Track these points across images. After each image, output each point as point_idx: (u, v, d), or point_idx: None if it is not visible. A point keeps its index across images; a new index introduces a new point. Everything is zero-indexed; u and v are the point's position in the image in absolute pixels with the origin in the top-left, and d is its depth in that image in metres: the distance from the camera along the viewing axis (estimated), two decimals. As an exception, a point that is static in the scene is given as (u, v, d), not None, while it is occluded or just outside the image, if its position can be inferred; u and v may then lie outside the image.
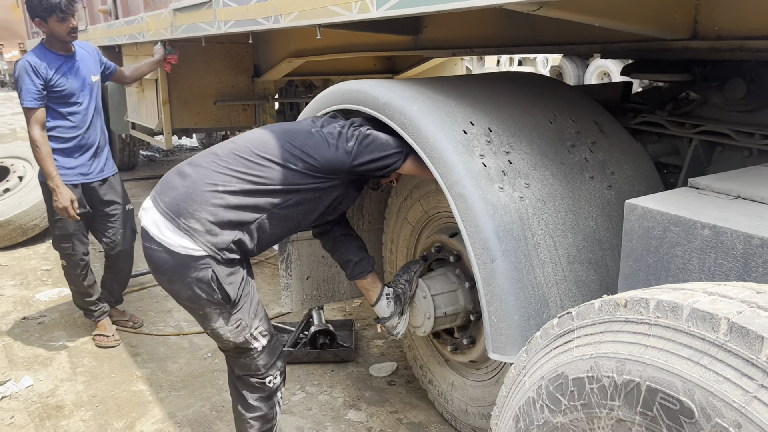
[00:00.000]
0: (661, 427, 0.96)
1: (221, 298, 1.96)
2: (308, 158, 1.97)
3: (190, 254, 1.89)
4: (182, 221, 1.89)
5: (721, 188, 1.44)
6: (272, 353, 2.13)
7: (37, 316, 3.90)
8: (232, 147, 2.01)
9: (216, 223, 1.91)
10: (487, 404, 2.38)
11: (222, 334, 2.02)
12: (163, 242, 1.91)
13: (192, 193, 1.91)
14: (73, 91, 3.27)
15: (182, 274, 1.91)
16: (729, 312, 0.92)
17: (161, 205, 1.94)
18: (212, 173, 1.94)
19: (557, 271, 1.81)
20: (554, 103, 2.18)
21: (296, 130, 2.06)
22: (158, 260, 1.94)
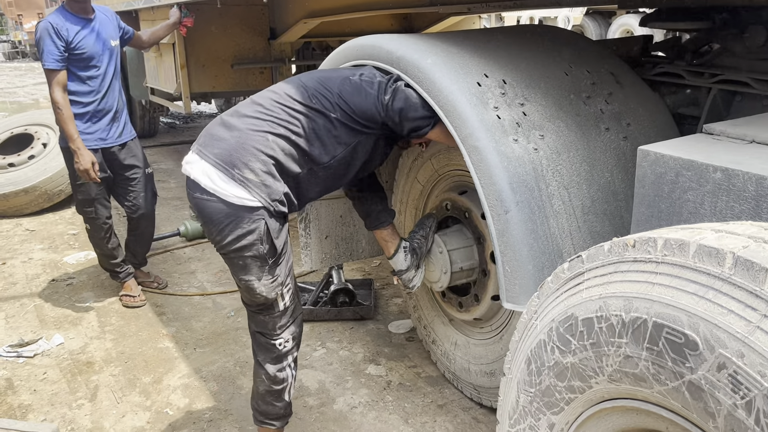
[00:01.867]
0: (667, 360, 0.98)
1: (266, 252, 1.96)
2: (344, 105, 1.97)
3: (246, 204, 1.89)
4: (236, 171, 1.88)
5: (735, 133, 1.43)
6: (292, 316, 2.13)
7: (65, 278, 4.01)
8: (273, 96, 1.99)
9: (269, 173, 1.91)
10: (489, 362, 2.42)
11: (256, 288, 2.00)
12: (217, 192, 1.89)
13: (243, 143, 1.90)
14: (93, 54, 3.30)
15: (235, 224, 1.90)
16: (735, 246, 0.93)
17: (210, 156, 1.92)
18: (261, 122, 1.93)
19: (571, 222, 1.82)
20: (570, 55, 2.16)
21: (334, 77, 2.05)
22: (212, 210, 1.91)
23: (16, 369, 2.97)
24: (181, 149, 7.44)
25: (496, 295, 2.29)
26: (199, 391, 2.76)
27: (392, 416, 2.53)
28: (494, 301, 2.33)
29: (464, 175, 2.44)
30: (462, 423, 2.48)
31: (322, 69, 2.13)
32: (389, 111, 1.97)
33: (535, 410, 1.35)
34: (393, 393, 2.69)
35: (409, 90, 1.99)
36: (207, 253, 4.34)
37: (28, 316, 3.49)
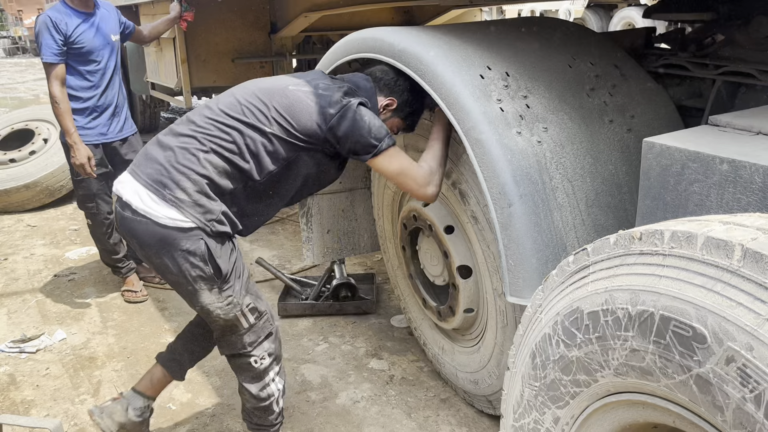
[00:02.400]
0: (674, 354, 0.97)
1: (213, 273, 1.87)
2: (281, 118, 1.88)
3: (179, 226, 1.82)
4: (167, 192, 1.82)
5: (742, 125, 1.42)
6: (260, 332, 2.03)
7: (67, 274, 4.01)
8: (207, 112, 1.92)
9: (202, 192, 1.83)
10: (472, 371, 2.40)
11: (212, 311, 1.92)
12: (148, 214, 1.82)
13: (174, 162, 1.84)
14: (92, 49, 3.29)
15: (172, 246, 1.82)
16: (743, 238, 0.92)
17: (143, 176, 1.86)
18: (192, 140, 1.86)
19: (575, 215, 1.81)
20: (573, 47, 2.14)
21: (272, 89, 1.94)
22: (144, 233, 1.84)
23: (18, 364, 2.97)
24: (182, 144, 7.41)
25: (469, 308, 2.29)
26: (202, 386, 2.76)
27: (395, 410, 2.53)
28: (467, 314, 2.31)
29: None
30: (465, 417, 2.48)
31: (262, 80, 2.03)
32: (332, 128, 1.88)
33: (539, 404, 1.35)
34: (396, 387, 2.69)
35: (363, 111, 1.90)
36: (209, 248, 4.33)
37: (31, 312, 3.49)
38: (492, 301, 2.15)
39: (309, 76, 2.03)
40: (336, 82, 2.00)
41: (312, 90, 1.92)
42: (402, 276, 2.83)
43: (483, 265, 2.14)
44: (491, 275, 2.11)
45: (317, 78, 2.01)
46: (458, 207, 2.19)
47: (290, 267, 4.00)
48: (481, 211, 2.06)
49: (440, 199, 2.28)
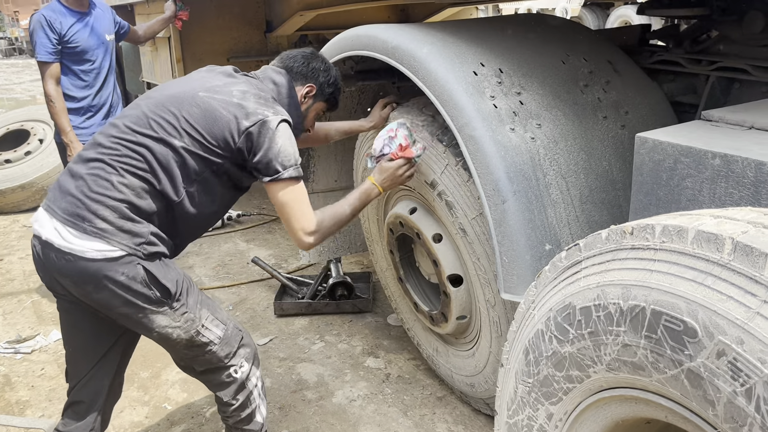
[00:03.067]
0: (665, 348, 0.97)
1: (160, 295, 1.76)
2: (192, 130, 1.75)
3: (108, 256, 1.68)
4: (87, 224, 1.68)
5: (734, 119, 1.41)
6: (231, 343, 1.91)
7: (63, 274, 4.00)
8: (113, 131, 1.77)
9: (124, 217, 1.70)
10: (468, 374, 2.37)
11: (171, 333, 1.80)
12: (73, 251, 1.67)
13: (88, 192, 1.70)
14: (87, 48, 3.28)
15: (108, 279, 1.69)
16: (734, 232, 0.92)
17: (58, 212, 1.71)
18: (102, 165, 1.72)
19: (569, 212, 1.81)
20: (567, 43, 2.14)
21: (180, 95, 1.80)
22: (75, 272, 1.69)
23: (13, 365, 2.96)
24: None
25: (462, 316, 2.26)
26: (198, 385, 2.75)
27: (391, 409, 2.53)
28: (460, 321, 2.28)
29: (410, 195, 2.38)
30: (461, 415, 2.47)
31: (170, 84, 1.88)
32: (246, 140, 1.76)
33: (533, 400, 1.34)
34: (392, 385, 2.68)
35: (281, 131, 1.78)
36: (205, 247, 4.32)
37: (26, 313, 3.48)
38: (485, 312, 2.11)
39: (220, 78, 1.89)
40: (252, 86, 1.87)
41: (225, 99, 1.79)
42: (392, 278, 2.80)
43: (474, 276, 2.10)
44: (483, 287, 2.06)
45: (231, 81, 1.87)
46: (446, 218, 2.14)
47: (286, 266, 3.99)
48: (469, 223, 2.01)
49: (427, 209, 2.27)
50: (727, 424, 0.90)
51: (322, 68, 2.04)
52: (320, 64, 2.04)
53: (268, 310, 3.39)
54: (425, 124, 2.13)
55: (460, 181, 2.00)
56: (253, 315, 3.35)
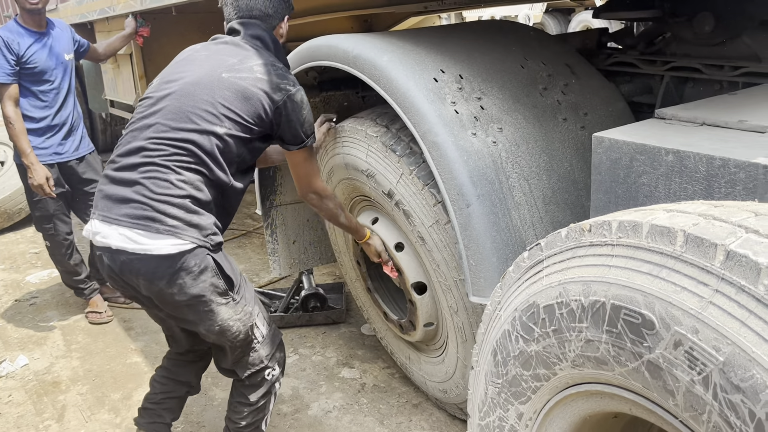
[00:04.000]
0: (626, 341, 0.99)
1: (226, 286, 1.85)
2: (231, 113, 1.81)
3: (182, 249, 1.75)
4: (159, 225, 1.74)
5: (686, 117, 1.45)
6: (272, 342, 2.04)
7: (28, 298, 3.91)
8: (152, 133, 1.79)
9: (191, 211, 1.78)
10: (440, 381, 2.38)
11: (231, 326, 1.88)
12: (148, 251, 1.74)
13: (151, 195, 1.75)
14: (45, 68, 3.23)
15: (182, 270, 1.76)
16: (685, 225, 0.94)
17: (122, 219, 1.76)
18: (155, 167, 1.77)
19: (533, 213, 1.83)
20: (525, 48, 2.18)
21: (206, 81, 1.83)
22: (149, 269, 1.76)
23: (-22, 393, 2.88)
24: (146, 162, 7.31)
25: (429, 323, 2.27)
26: (171, 404, 2.71)
27: (367, 418, 2.52)
28: (428, 328, 2.28)
29: (371, 205, 2.40)
30: (438, 421, 2.48)
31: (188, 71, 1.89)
32: (277, 113, 1.85)
33: (503, 401, 1.35)
34: (367, 395, 2.67)
35: (304, 101, 1.90)
36: (175, 265, 4.26)
37: (-10, 339, 3.39)
38: (449, 318, 2.12)
39: (232, 53, 1.90)
40: (263, 57, 1.91)
41: (249, 76, 1.84)
42: (361, 288, 2.79)
43: (436, 283, 2.11)
44: (445, 293, 2.07)
45: (244, 55, 1.89)
46: (405, 227, 2.15)
47: (258, 280, 3.96)
48: (426, 231, 2.02)
49: (387, 217, 2.28)
50: (687, 413, 0.92)
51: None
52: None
53: (240, 325, 3.35)
54: (378, 135, 2.14)
55: (415, 190, 2.01)
56: (225, 331, 3.32)
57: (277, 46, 2.00)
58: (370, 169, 2.19)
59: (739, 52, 1.95)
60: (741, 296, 0.85)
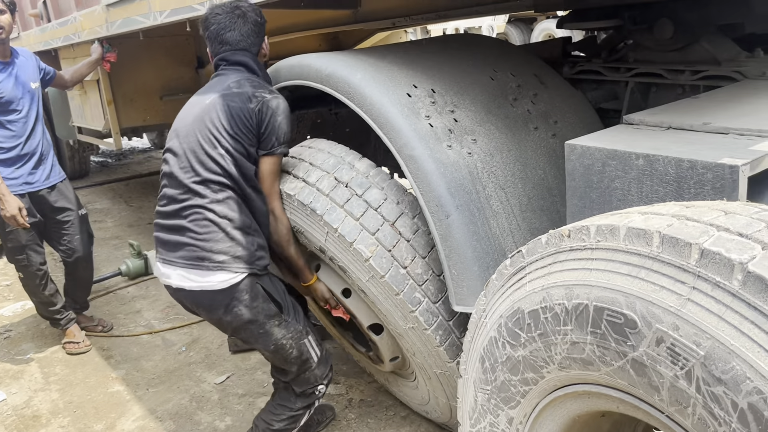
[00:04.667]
0: (610, 341, 1.02)
1: (276, 309, 2.02)
2: (223, 130, 1.97)
3: (233, 283, 1.94)
4: (209, 263, 1.94)
5: (653, 121, 1.51)
6: (327, 362, 2.18)
7: (2, 332, 3.82)
8: (185, 179, 1.98)
9: (234, 241, 1.95)
10: (420, 403, 2.39)
11: (285, 345, 2.04)
12: (204, 288, 1.95)
13: (199, 236, 1.95)
14: (11, 98, 3.20)
15: (236, 300, 1.96)
16: (660, 226, 0.98)
17: (179, 260, 1.98)
18: (195, 211, 1.96)
19: (511, 221, 1.87)
20: (493, 60, 2.23)
21: (200, 113, 2.02)
22: (207, 302, 1.99)
23: (-45, 432, 2.81)
24: (116, 187, 7.23)
25: (394, 357, 2.26)
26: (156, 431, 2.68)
27: (356, 433, 2.52)
28: (394, 361, 2.28)
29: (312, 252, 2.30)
30: (426, 431, 2.49)
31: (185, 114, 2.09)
32: (258, 119, 1.98)
33: (493, 407, 1.38)
34: (355, 410, 2.67)
35: (280, 108, 2.01)
36: (152, 290, 4.22)
37: (-35, 376, 3.31)
38: (410, 358, 2.12)
39: (215, 82, 2.10)
40: (242, 74, 2.08)
41: (228, 92, 2.01)
42: (327, 322, 2.68)
43: (389, 329, 2.09)
44: (399, 338, 2.07)
45: (223, 78, 2.08)
46: (344, 278, 2.13)
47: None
48: (365, 285, 1.97)
49: (328, 268, 2.22)
50: (672, 407, 0.95)
51: (257, 17, 2.15)
52: (253, 14, 2.13)
53: (222, 347, 3.33)
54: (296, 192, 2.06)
55: (342, 247, 1.96)
56: (207, 354, 3.29)
57: (259, 66, 2.16)
58: (297, 226, 2.10)
59: (698, 57, 2.03)
60: (717, 292, 0.89)
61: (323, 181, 2.00)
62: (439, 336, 1.89)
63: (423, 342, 1.94)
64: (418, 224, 1.93)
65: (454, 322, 1.91)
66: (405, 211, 1.94)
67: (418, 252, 1.91)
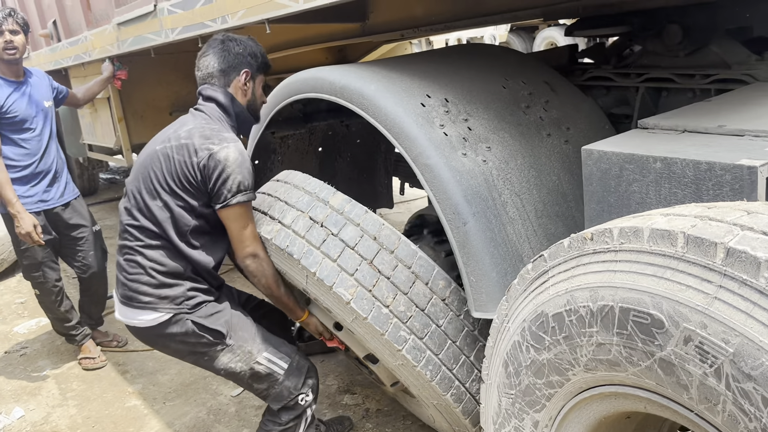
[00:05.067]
0: (637, 341, 1.03)
1: (213, 338, 2.02)
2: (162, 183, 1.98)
3: (161, 321, 2.00)
4: (135, 303, 2.01)
5: (668, 125, 1.52)
6: (298, 373, 2.10)
7: (18, 349, 3.85)
8: (123, 218, 2.07)
9: (161, 286, 2.00)
10: (428, 421, 2.34)
11: (234, 368, 2.05)
12: (137, 325, 2.04)
13: (128, 276, 2.03)
14: (26, 117, 3.24)
15: (168, 337, 2.02)
16: (684, 226, 1.00)
17: (119, 297, 2.09)
18: (127, 251, 2.05)
19: (527, 227, 1.88)
20: (504, 68, 2.25)
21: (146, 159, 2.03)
22: (144, 337, 2.09)
23: (-25, 450, 2.83)
24: (125, 203, 7.27)
25: (395, 382, 2.22)
26: (175, 445, 2.69)
27: (375, 443, 2.52)
28: (396, 385, 2.25)
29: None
30: (444, 440, 2.49)
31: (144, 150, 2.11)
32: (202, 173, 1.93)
33: (518, 411, 1.39)
34: (372, 420, 2.68)
35: (230, 159, 1.92)
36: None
37: (-17, 393, 3.33)
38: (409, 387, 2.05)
39: (174, 126, 2.08)
40: (198, 120, 2.04)
41: (174, 144, 1.98)
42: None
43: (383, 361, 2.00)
44: (394, 371, 1.98)
45: (180, 124, 2.06)
46: (332, 315, 2.06)
47: (251, 313, 3.95)
48: (350, 325, 1.92)
49: (316, 304, 2.14)
50: (702, 405, 0.96)
51: (240, 48, 2.12)
52: (236, 46, 2.12)
53: (237, 359, 3.34)
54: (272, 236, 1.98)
55: (323, 291, 1.88)
56: (223, 367, 3.30)
57: (233, 103, 2.11)
58: (279, 268, 2.04)
59: (708, 61, 2.05)
60: (744, 290, 0.90)
61: (298, 222, 1.93)
62: (430, 371, 1.82)
63: (414, 377, 1.88)
64: (397, 259, 1.86)
65: (444, 355, 1.85)
66: (383, 247, 1.86)
67: (399, 288, 1.83)
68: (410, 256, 1.87)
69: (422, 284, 1.86)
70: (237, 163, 1.93)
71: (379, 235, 1.88)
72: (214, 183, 1.92)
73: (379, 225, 1.89)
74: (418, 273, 1.87)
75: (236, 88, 2.12)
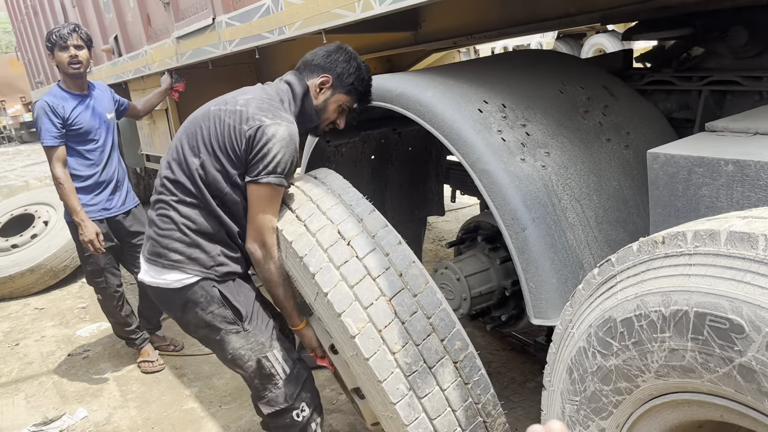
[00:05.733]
0: (714, 347, 1.01)
1: (234, 315, 1.95)
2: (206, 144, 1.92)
3: (187, 283, 1.93)
4: (164, 260, 1.95)
5: (738, 128, 1.48)
6: (297, 381, 2.02)
7: (81, 352, 3.99)
8: (162, 172, 2.01)
9: (193, 245, 1.93)
10: None
11: (243, 355, 1.96)
12: (159, 285, 1.96)
13: (159, 232, 1.96)
14: (90, 128, 3.37)
15: (191, 302, 1.94)
16: (765, 229, 0.97)
17: (145, 254, 2.02)
18: (162, 205, 1.98)
19: (587, 233, 1.86)
20: (561, 73, 2.24)
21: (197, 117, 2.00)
22: (164, 300, 2.01)
23: (43, 448, 2.94)
24: (179, 212, 7.47)
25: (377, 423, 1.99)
26: (231, 448, 2.74)
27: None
28: (375, 426, 2.06)
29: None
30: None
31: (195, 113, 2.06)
32: (247, 143, 1.87)
33: (582, 418, 1.36)
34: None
35: (278, 135, 1.86)
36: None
37: (48, 394, 3.46)
38: None
39: (238, 91, 2.04)
40: (259, 92, 2.00)
41: (229, 108, 1.92)
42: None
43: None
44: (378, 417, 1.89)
45: (243, 91, 2.02)
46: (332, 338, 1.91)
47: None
48: (349, 360, 1.81)
49: (317, 323, 2.03)
50: (785, 414, 0.93)
51: (342, 59, 2.08)
52: (341, 55, 2.09)
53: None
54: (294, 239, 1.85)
55: (330, 314, 1.76)
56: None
57: (306, 96, 2.07)
58: (290, 272, 1.93)
59: (776, 62, 1.99)
60: (831, 293, 0.87)
61: (325, 233, 1.79)
62: None
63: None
64: (418, 304, 1.70)
65: (439, 422, 1.70)
66: (407, 287, 1.72)
67: (411, 337, 1.68)
68: (433, 306, 1.72)
69: (437, 339, 1.70)
70: (284, 142, 1.86)
71: (407, 272, 1.73)
72: (255, 155, 1.86)
73: (409, 262, 1.75)
74: (437, 326, 1.71)
75: (313, 85, 2.09)
